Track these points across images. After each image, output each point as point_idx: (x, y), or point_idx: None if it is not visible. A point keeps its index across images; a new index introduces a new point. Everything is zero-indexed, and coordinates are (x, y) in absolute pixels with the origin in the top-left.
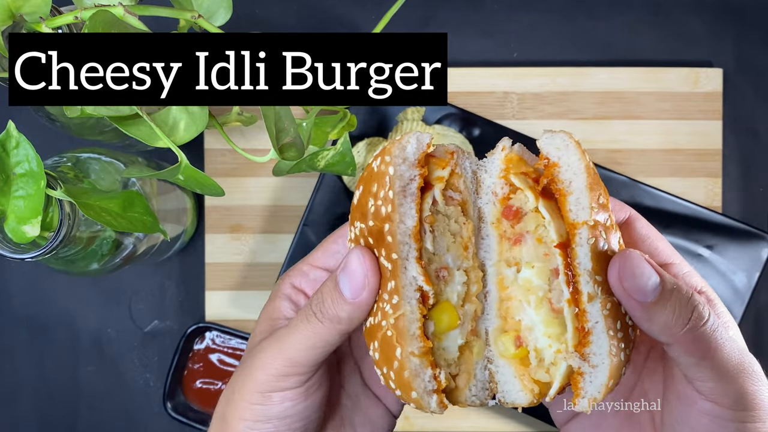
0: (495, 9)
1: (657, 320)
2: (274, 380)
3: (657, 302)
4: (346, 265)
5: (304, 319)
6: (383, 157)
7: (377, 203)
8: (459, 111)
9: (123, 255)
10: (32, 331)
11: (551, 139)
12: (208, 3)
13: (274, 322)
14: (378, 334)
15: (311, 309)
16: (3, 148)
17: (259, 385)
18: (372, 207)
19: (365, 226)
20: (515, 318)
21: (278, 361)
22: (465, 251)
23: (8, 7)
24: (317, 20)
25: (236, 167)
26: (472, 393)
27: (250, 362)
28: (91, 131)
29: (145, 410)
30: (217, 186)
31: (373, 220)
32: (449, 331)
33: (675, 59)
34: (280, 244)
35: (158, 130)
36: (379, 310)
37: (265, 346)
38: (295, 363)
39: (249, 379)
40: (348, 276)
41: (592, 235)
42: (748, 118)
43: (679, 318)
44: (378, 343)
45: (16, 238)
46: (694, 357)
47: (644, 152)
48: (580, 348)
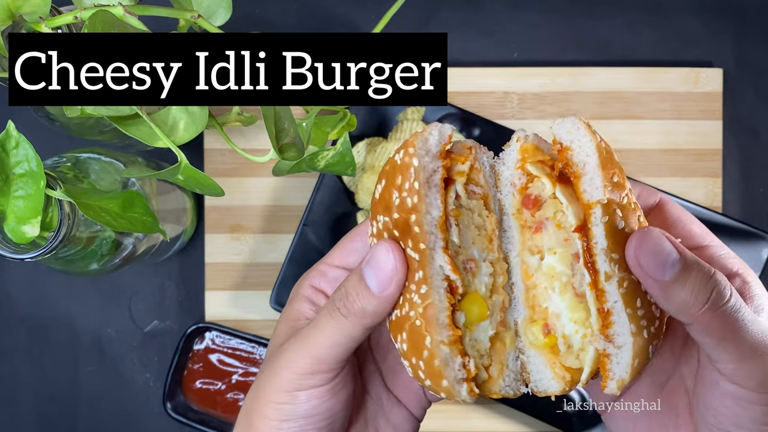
0: (495, 9)
1: (675, 299)
2: (301, 378)
3: (675, 280)
4: (373, 258)
5: (327, 315)
6: (406, 149)
7: (402, 195)
8: (459, 111)
9: (123, 255)
10: (32, 331)
11: (562, 124)
12: (208, 3)
13: (294, 323)
14: (406, 324)
15: (335, 304)
16: (3, 148)
17: (285, 384)
18: (397, 199)
19: (389, 219)
20: (542, 306)
21: (304, 359)
22: (490, 243)
23: (8, 7)
24: (317, 20)
25: (236, 167)
26: (505, 383)
27: (274, 362)
28: (90, 131)
29: (144, 410)
30: (216, 186)
31: (399, 212)
32: (479, 322)
33: (675, 59)
34: (280, 244)
35: (158, 130)
36: (407, 302)
37: (289, 346)
38: (320, 360)
39: (274, 378)
40: (375, 269)
41: (605, 214)
42: (748, 118)
43: (698, 297)
44: (406, 334)
45: (16, 238)
46: (714, 337)
47: (644, 152)
48: (603, 330)
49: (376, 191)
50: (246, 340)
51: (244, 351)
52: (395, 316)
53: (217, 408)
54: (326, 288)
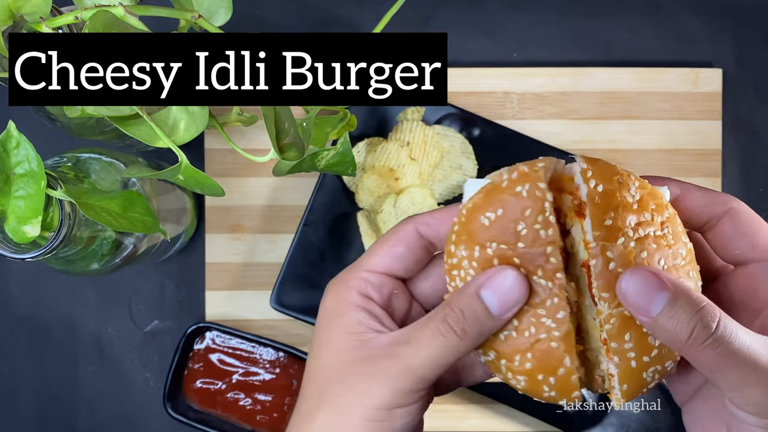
0: (495, 9)
1: (661, 333)
2: (401, 397)
3: (662, 315)
4: (497, 282)
5: (437, 335)
6: (534, 183)
7: (534, 227)
8: (459, 111)
9: (123, 255)
10: (32, 331)
11: (577, 163)
12: (208, 3)
13: (361, 337)
14: (535, 346)
15: (449, 326)
16: (3, 148)
17: (385, 402)
18: (524, 230)
19: (509, 247)
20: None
21: (408, 379)
22: None
23: (8, 8)
24: (317, 20)
25: (236, 167)
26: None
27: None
28: (91, 131)
29: (145, 410)
30: (217, 186)
31: (526, 242)
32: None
33: (675, 59)
34: (280, 244)
35: (158, 130)
36: (533, 325)
37: (387, 366)
38: (425, 379)
39: (370, 396)
40: (499, 293)
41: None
42: (747, 119)
43: (682, 331)
44: (532, 354)
45: (17, 238)
46: (704, 369)
47: (644, 152)
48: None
49: (482, 219)
50: (246, 339)
51: (245, 351)
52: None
53: (217, 407)
54: (374, 295)
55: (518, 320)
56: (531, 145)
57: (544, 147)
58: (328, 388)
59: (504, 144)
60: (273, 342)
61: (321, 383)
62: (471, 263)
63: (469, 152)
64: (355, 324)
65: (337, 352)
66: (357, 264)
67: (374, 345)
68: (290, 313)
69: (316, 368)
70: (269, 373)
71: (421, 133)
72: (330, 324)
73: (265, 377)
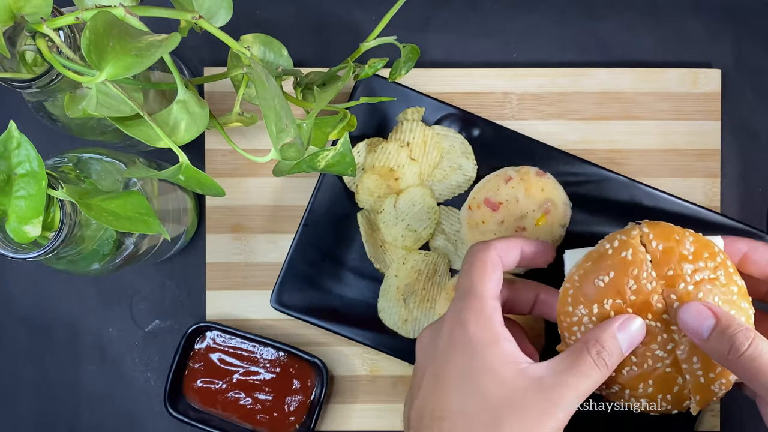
0: (495, 9)
1: (710, 352)
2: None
3: (709, 339)
4: (629, 327)
5: (594, 368)
6: (635, 248)
7: (641, 282)
8: (458, 111)
9: (124, 255)
10: (33, 331)
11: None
12: (208, 4)
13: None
14: (654, 374)
15: (603, 361)
16: (4, 149)
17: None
18: (634, 286)
19: (624, 301)
20: None
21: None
22: None
23: (9, 8)
24: (318, 21)
25: (237, 167)
26: None
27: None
28: (92, 132)
29: (145, 409)
30: (217, 186)
31: (637, 295)
32: None
33: (674, 60)
34: (280, 244)
35: (159, 131)
36: (650, 358)
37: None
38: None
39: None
40: (629, 336)
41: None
42: (746, 119)
43: (721, 349)
44: (653, 381)
45: (18, 238)
46: (744, 380)
47: (643, 152)
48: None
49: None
50: (247, 339)
51: (245, 350)
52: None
53: (217, 407)
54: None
55: (635, 357)
56: (530, 145)
57: (543, 147)
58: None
59: (504, 144)
60: (273, 341)
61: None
62: (591, 318)
63: (469, 152)
64: (510, 353)
65: (504, 380)
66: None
67: (537, 374)
68: (290, 312)
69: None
70: (270, 372)
71: (421, 133)
72: (485, 353)
73: (266, 377)
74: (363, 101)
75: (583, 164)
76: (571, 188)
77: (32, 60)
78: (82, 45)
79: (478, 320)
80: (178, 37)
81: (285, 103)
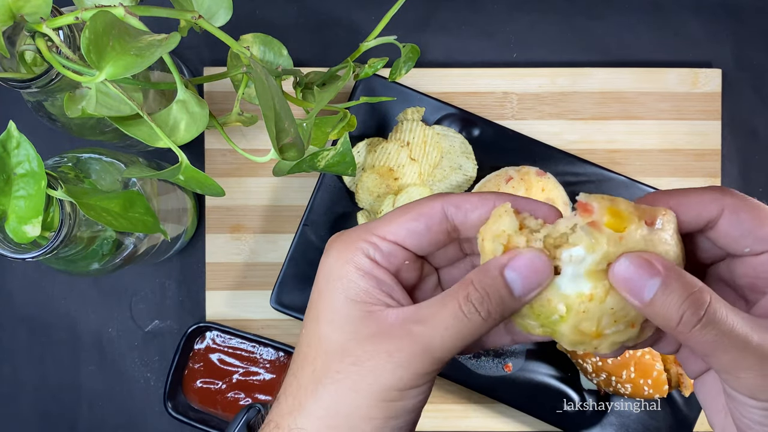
0: (495, 9)
1: (655, 319)
2: (418, 378)
3: (652, 300)
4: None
5: (460, 316)
6: None
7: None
8: (459, 111)
9: (124, 255)
10: (33, 331)
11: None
12: (208, 3)
13: (367, 308)
14: (631, 362)
15: (473, 306)
16: (4, 149)
17: (402, 383)
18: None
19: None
20: None
21: (426, 361)
22: None
23: (9, 8)
24: (318, 21)
25: (237, 167)
26: None
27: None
28: (91, 131)
29: (145, 410)
30: (217, 186)
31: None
32: None
33: (674, 59)
34: (280, 244)
35: (159, 131)
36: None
37: (401, 347)
38: (442, 361)
39: (383, 376)
40: (522, 274)
41: None
42: (747, 119)
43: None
44: (634, 367)
45: (17, 238)
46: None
47: (643, 152)
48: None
49: None
50: (246, 339)
51: (245, 350)
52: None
53: (217, 407)
54: (382, 261)
55: None
56: (530, 145)
57: (543, 147)
58: (333, 361)
59: (504, 144)
60: (273, 342)
61: (323, 353)
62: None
63: (469, 152)
64: (361, 292)
65: (342, 322)
66: (368, 226)
67: (386, 320)
68: (290, 312)
69: (316, 335)
70: (269, 372)
71: (421, 133)
72: (332, 287)
73: (266, 377)
74: (363, 101)
75: (583, 164)
76: (571, 188)
77: (32, 60)
78: (81, 45)
79: (341, 251)
80: (177, 37)
81: (285, 103)
